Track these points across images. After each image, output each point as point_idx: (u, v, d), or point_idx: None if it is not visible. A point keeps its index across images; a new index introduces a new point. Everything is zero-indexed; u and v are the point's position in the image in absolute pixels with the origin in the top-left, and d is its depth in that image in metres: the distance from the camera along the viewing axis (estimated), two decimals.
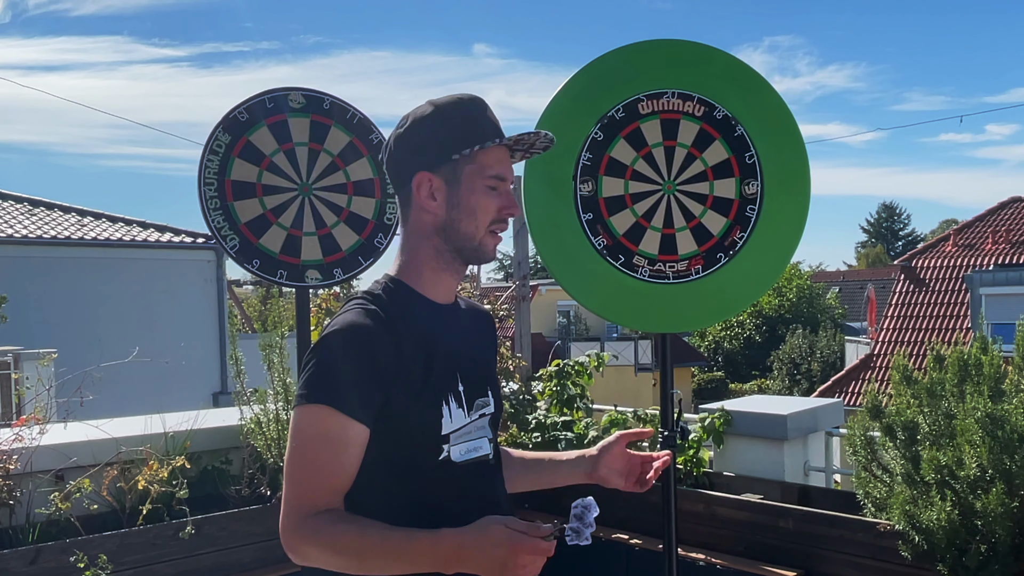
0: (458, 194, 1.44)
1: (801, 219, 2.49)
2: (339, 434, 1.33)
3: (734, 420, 3.60)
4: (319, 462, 1.33)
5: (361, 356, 1.35)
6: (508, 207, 1.47)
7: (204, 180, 2.70)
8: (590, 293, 2.50)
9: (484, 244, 1.47)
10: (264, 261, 2.74)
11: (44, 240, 13.81)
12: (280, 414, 3.40)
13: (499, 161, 1.47)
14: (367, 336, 1.36)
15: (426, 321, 1.45)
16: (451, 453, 1.43)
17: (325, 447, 1.33)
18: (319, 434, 1.33)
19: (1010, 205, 20.95)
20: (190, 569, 3.01)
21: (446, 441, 1.42)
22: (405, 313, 1.42)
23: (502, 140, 1.45)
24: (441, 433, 1.41)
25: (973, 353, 2.63)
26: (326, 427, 1.33)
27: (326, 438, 1.33)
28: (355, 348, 1.35)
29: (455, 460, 1.44)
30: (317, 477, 1.33)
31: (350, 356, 1.35)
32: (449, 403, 1.43)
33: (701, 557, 3.10)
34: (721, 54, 2.53)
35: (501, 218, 1.47)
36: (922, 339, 17.77)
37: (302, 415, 1.35)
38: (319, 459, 1.33)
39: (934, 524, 2.39)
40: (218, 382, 14.71)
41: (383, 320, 1.38)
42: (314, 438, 1.34)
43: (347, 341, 1.36)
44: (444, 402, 1.42)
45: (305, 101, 2.81)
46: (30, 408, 3.41)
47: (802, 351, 28.31)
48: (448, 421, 1.42)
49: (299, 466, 1.34)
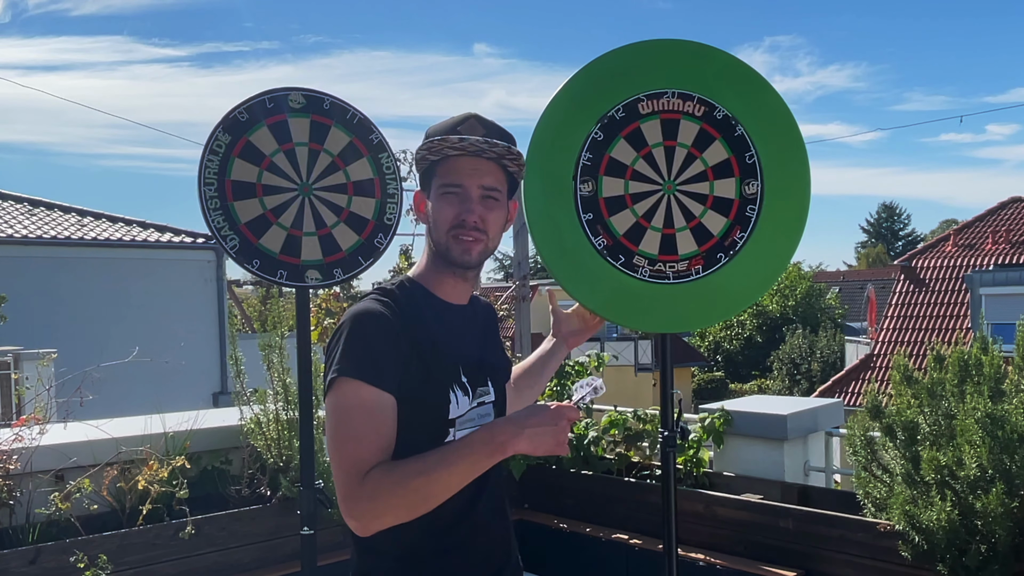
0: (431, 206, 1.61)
1: (801, 219, 2.49)
2: (375, 402, 1.44)
3: (734, 420, 3.60)
4: (362, 429, 1.44)
5: (380, 336, 1.48)
6: (463, 213, 1.57)
7: (204, 180, 2.70)
8: (590, 293, 2.49)
9: (450, 248, 1.58)
10: (264, 261, 2.74)
11: (44, 240, 13.82)
12: (280, 414, 3.40)
13: (455, 171, 1.58)
14: (385, 320, 1.50)
15: (433, 316, 1.59)
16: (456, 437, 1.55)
17: (363, 416, 1.44)
18: (355, 405, 1.44)
19: (1010, 205, 20.95)
20: (190, 569, 3.01)
21: (452, 425, 1.56)
22: (413, 307, 1.56)
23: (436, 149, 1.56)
24: (448, 417, 1.55)
25: (973, 353, 2.63)
26: (361, 399, 1.44)
27: (363, 408, 1.44)
28: (376, 329, 1.49)
29: None
30: (363, 443, 1.43)
31: (373, 335, 1.48)
32: (455, 391, 1.57)
33: (701, 557, 3.10)
34: (721, 54, 2.53)
35: (459, 223, 1.57)
36: (922, 339, 17.78)
37: (338, 391, 1.46)
38: (361, 427, 1.44)
39: (934, 524, 2.39)
40: (218, 382, 14.72)
41: (394, 310, 1.53)
42: (351, 409, 1.45)
43: (369, 322, 1.50)
44: (451, 389, 1.56)
45: (305, 101, 2.81)
46: (30, 408, 3.41)
47: (802, 351, 28.32)
48: (455, 407, 1.56)
49: (344, 439, 1.44)
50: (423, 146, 1.58)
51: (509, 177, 1.65)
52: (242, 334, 18.56)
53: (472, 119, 1.59)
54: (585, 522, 3.51)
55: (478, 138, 1.54)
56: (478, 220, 1.57)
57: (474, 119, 1.60)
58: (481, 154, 1.57)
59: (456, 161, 1.58)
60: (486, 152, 1.56)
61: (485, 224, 1.59)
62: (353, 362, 1.46)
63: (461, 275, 1.64)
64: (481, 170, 1.58)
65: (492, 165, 1.59)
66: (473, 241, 1.58)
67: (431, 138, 1.56)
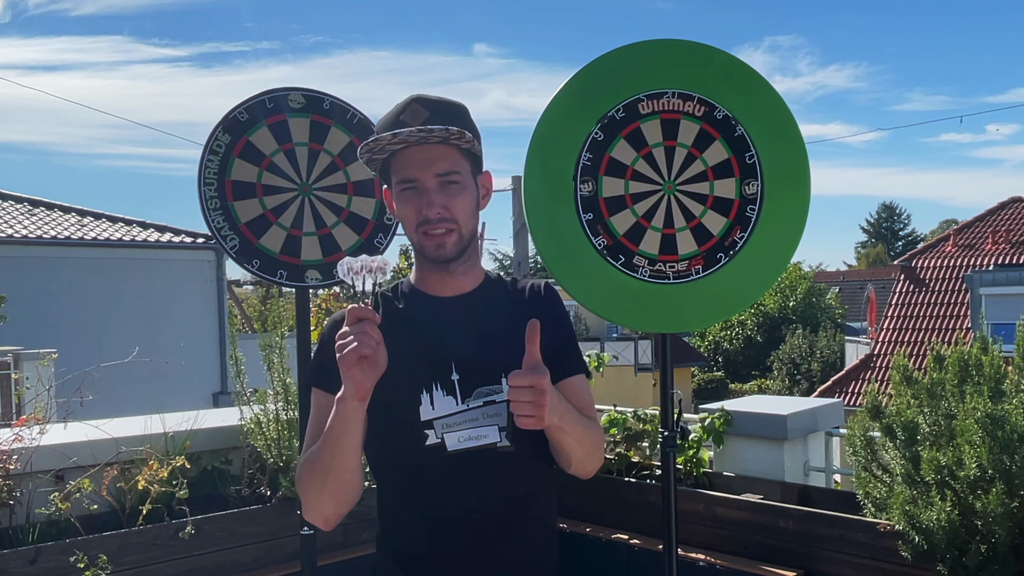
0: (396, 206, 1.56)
1: (801, 219, 2.49)
2: (326, 408, 1.45)
3: (734, 420, 3.60)
4: (313, 432, 1.52)
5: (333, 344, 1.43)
6: (424, 208, 1.49)
7: (204, 180, 2.70)
8: (590, 293, 2.49)
9: (423, 245, 1.53)
10: (264, 261, 2.74)
11: (44, 240, 13.82)
12: (280, 414, 3.39)
13: (406, 164, 1.50)
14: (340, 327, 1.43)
15: (417, 313, 1.57)
16: (445, 440, 1.49)
17: (316, 419, 1.53)
18: (313, 410, 1.56)
19: (1010, 205, 20.96)
20: (190, 569, 3.01)
21: (428, 427, 1.49)
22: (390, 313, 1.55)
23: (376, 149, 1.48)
24: (420, 419, 1.49)
25: (973, 353, 2.63)
26: (318, 404, 1.55)
27: (317, 413, 1.54)
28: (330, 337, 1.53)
29: (450, 448, 1.50)
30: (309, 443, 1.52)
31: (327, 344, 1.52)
32: (432, 390, 1.50)
33: (701, 557, 3.10)
34: (721, 54, 2.53)
35: (423, 220, 1.50)
36: (922, 339, 17.78)
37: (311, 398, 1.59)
38: (312, 429, 1.53)
39: (934, 524, 2.39)
40: (218, 382, 14.71)
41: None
42: (312, 415, 1.56)
43: (327, 331, 1.59)
44: (425, 389, 1.50)
45: (305, 101, 2.81)
46: (30, 408, 3.41)
47: (802, 351, 28.32)
48: (427, 408, 1.49)
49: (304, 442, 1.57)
50: (363, 148, 1.48)
51: (467, 154, 1.54)
52: (242, 334, 18.56)
53: (414, 103, 1.50)
54: (585, 522, 3.51)
55: (413, 129, 1.43)
56: (441, 211, 1.49)
57: (416, 103, 1.50)
58: (425, 141, 1.47)
59: (404, 153, 1.49)
60: (428, 140, 1.46)
61: (451, 212, 1.50)
62: (312, 370, 1.59)
63: (444, 269, 1.56)
64: (432, 157, 1.48)
65: (443, 148, 1.49)
66: (444, 234, 1.51)
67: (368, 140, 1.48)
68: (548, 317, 1.54)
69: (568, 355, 1.61)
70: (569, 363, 1.60)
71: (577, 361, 1.63)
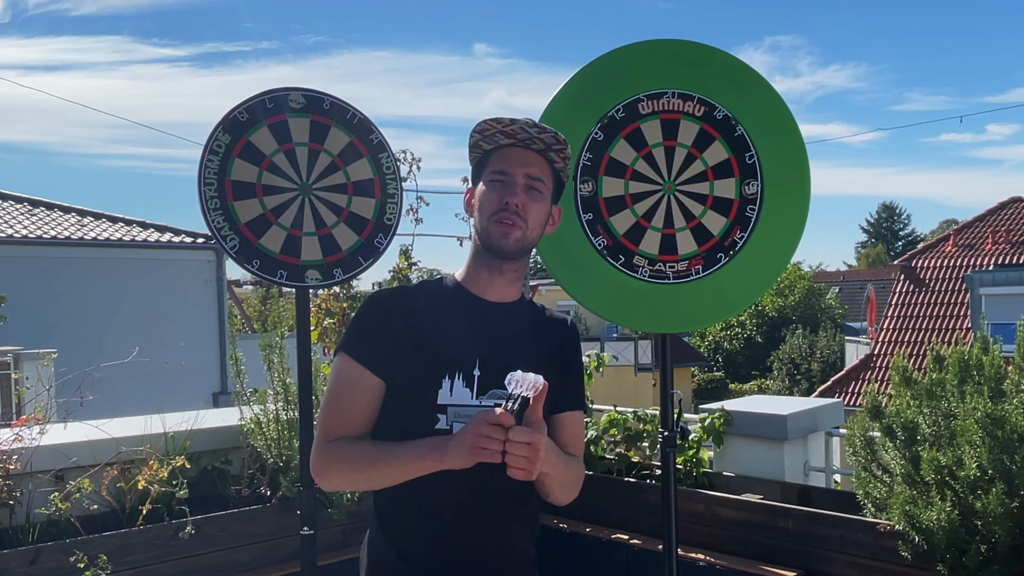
0: (478, 194, 1.66)
1: (801, 219, 2.49)
2: (353, 378, 1.58)
3: (734, 420, 3.60)
4: (336, 401, 1.60)
5: (374, 317, 1.62)
6: (506, 195, 1.61)
7: (204, 180, 2.70)
8: (590, 293, 2.49)
9: (490, 233, 1.61)
10: (264, 261, 2.74)
11: (44, 240, 13.82)
12: (280, 414, 3.39)
13: (503, 159, 1.64)
14: (383, 301, 1.65)
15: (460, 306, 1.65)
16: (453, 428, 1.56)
17: (341, 388, 1.61)
18: (337, 377, 1.61)
19: (1010, 205, 20.95)
20: (190, 569, 3.01)
21: (442, 411, 1.57)
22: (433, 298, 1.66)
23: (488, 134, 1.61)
24: (437, 402, 1.57)
25: (973, 353, 2.62)
26: (343, 372, 1.61)
27: (342, 381, 1.60)
28: (370, 310, 1.64)
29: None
30: (333, 414, 1.59)
31: (365, 316, 1.64)
32: (455, 379, 1.59)
33: (701, 557, 3.10)
34: (721, 54, 2.53)
35: (501, 207, 1.60)
36: (922, 339, 17.78)
37: (334, 362, 1.65)
38: (336, 398, 1.60)
39: (934, 524, 2.39)
40: (218, 382, 14.71)
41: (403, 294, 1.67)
42: (334, 380, 1.62)
43: (368, 305, 1.66)
44: (448, 376, 1.58)
45: (305, 101, 2.81)
46: (30, 408, 3.41)
47: (802, 351, 28.32)
48: (446, 393, 1.58)
49: (324, 404, 1.62)
50: (476, 130, 1.62)
51: (555, 175, 1.68)
52: (242, 334, 18.56)
53: (527, 119, 1.63)
54: (585, 522, 3.51)
55: (529, 120, 1.59)
56: (520, 204, 1.60)
57: (529, 119, 1.64)
58: (530, 144, 1.63)
59: (506, 151, 1.64)
60: (534, 143, 1.62)
61: (526, 212, 1.61)
62: (347, 338, 1.65)
63: (497, 267, 1.65)
64: (528, 160, 1.63)
65: (539, 158, 1.64)
66: (512, 225, 1.60)
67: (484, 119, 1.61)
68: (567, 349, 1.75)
69: (574, 390, 1.75)
70: (573, 398, 1.74)
71: (580, 398, 1.77)
